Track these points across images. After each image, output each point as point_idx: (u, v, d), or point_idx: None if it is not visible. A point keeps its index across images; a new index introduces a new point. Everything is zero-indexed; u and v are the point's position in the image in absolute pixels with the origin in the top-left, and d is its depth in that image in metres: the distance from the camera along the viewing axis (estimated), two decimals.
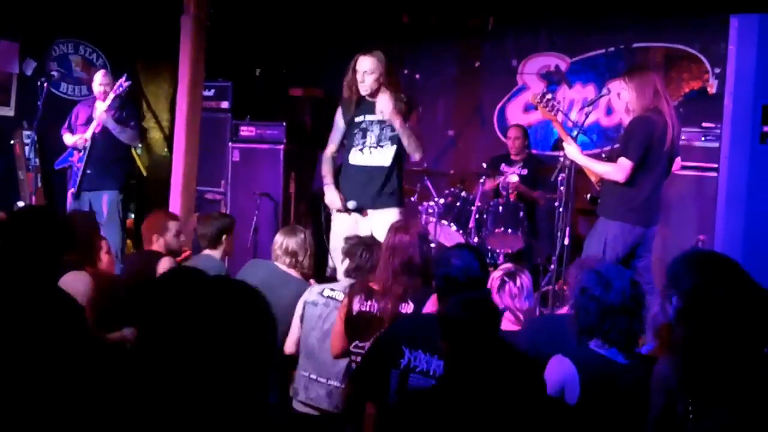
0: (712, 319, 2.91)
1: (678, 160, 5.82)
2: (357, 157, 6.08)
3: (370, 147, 6.03)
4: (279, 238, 5.19)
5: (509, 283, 4.38)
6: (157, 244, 5.53)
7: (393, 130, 5.95)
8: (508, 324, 4.22)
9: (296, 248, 5.09)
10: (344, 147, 6.20)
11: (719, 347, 2.88)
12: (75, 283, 4.10)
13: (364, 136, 6.05)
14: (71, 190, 7.62)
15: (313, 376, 4.57)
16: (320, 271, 5.98)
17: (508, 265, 4.74)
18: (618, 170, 5.50)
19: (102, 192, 7.56)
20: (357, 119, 6.08)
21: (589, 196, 6.98)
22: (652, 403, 2.96)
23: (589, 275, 3.29)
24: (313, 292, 4.68)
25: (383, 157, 6.01)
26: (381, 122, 5.99)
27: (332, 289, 4.61)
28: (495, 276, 4.49)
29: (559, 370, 3.24)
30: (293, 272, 5.09)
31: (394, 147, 6.00)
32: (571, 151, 5.75)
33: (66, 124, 7.76)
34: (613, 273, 3.27)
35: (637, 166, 5.47)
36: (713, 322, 2.91)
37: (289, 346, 4.72)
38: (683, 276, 3.13)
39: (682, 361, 2.92)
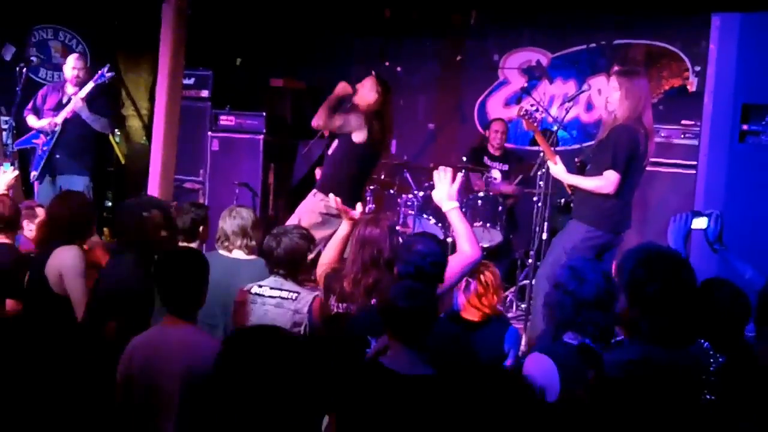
0: (645, 312, 3.00)
1: None
2: None
3: None
4: (219, 224, 5.10)
5: (473, 283, 4.43)
6: None
7: None
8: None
9: (236, 230, 4.98)
10: None
11: (653, 338, 2.98)
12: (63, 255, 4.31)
13: None
14: (33, 173, 7.55)
15: None
16: None
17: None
18: (607, 184, 5.34)
19: (73, 176, 7.50)
20: None
21: (563, 200, 7.00)
22: None
23: (562, 271, 3.31)
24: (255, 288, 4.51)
25: None
26: None
27: (260, 286, 4.37)
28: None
29: (537, 367, 3.22)
30: (241, 254, 4.95)
31: None
32: (557, 170, 5.64)
33: (30, 105, 7.68)
34: (587, 267, 3.29)
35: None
36: (646, 315, 3.00)
37: None
38: (626, 269, 3.16)
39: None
